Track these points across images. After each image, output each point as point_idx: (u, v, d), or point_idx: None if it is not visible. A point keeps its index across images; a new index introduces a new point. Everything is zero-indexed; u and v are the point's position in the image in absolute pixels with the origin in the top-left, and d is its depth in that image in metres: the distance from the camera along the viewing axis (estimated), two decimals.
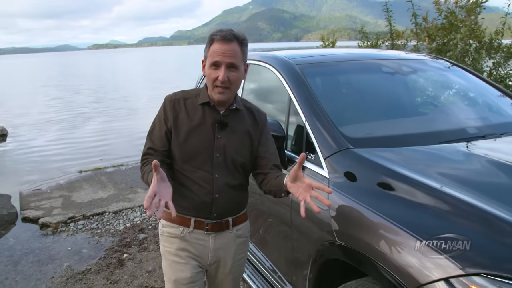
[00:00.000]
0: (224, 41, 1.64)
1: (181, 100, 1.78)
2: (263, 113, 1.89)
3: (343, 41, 9.77)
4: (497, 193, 1.57)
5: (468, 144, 2.02)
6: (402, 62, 2.87)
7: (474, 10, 5.68)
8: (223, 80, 1.64)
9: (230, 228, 1.83)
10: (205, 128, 1.74)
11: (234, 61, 1.65)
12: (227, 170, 1.75)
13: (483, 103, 2.75)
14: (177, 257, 1.80)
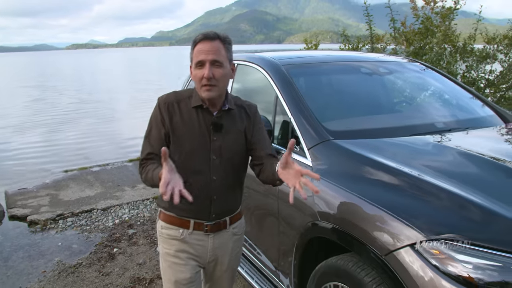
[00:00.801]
0: (207, 40, 1.67)
1: (175, 103, 1.77)
2: (254, 106, 1.90)
3: (326, 44, 10.09)
4: (451, 172, 1.81)
5: (434, 136, 2.25)
6: (379, 64, 3.10)
7: (448, 16, 5.99)
8: (208, 77, 1.64)
9: (228, 227, 1.87)
10: (200, 131, 1.74)
11: (217, 57, 1.66)
12: (224, 171, 1.77)
13: (451, 102, 2.99)
14: (177, 258, 1.83)
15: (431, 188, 1.69)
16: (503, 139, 2.51)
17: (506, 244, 1.46)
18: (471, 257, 1.45)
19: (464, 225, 1.54)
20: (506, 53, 6.37)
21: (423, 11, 6.28)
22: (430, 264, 1.48)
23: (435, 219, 1.58)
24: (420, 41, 5.92)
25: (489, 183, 1.78)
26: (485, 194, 1.65)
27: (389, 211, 1.63)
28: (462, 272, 1.43)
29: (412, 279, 1.50)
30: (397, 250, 1.56)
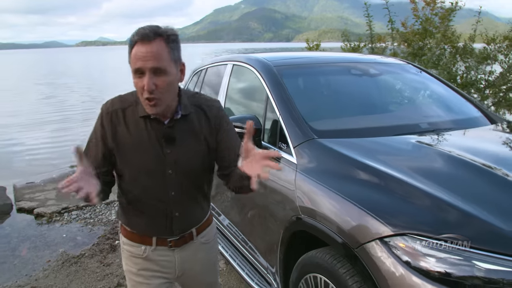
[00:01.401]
0: (144, 41, 1.38)
1: (119, 111, 1.54)
2: (215, 106, 1.65)
3: (334, 42, 9.96)
4: (424, 171, 1.93)
5: (416, 136, 2.35)
6: (369, 65, 3.21)
7: (448, 17, 6.06)
8: (150, 89, 1.39)
9: (195, 238, 1.72)
10: (151, 143, 1.52)
11: (159, 64, 1.39)
12: (184, 185, 1.58)
13: (438, 103, 3.09)
14: (140, 277, 1.69)
15: (403, 186, 1.81)
16: (486, 139, 2.60)
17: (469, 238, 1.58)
18: (435, 251, 1.56)
19: (430, 221, 1.66)
20: (506, 54, 6.42)
21: (423, 11, 6.35)
22: (396, 257, 1.60)
23: (404, 215, 1.70)
24: (419, 41, 5.99)
25: (459, 182, 1.89)
26: (453, 192, 1.76)
27: (362, 206, 1.75)
28: (426, 265, 1.55)
29: (379, 270, 1.63)
30: (366, 243, 1.68)
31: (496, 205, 1.70)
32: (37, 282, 3.34)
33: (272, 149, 2.49)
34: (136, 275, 1.69)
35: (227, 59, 3.62)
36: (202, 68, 4.29)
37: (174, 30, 1.46)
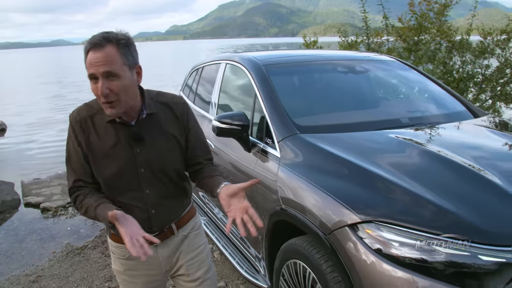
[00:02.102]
0: (95, 48, 1.43)
1: (88, 119, 1.59)
2: (181, 103, 1.72)
3: (331, 37, 9.82)
4: (395, 163, 2.06)
5: (395, 131, 2.47)
6: (355, 62, 3.33)
7: (443, 13, 6.13)
8: (104, 94, 1.43)
9: (175, 233, 1.76)
10: (121, 147, 1.58)
11: (110, 68, 1.43)
12: (158, 182, 1.64)
13: (422, 98, 3.21)
14: (127, 276, 1.77)
15: (374, 178, 1.95)
16: (464, 132, 2.71)
17: (430, 225, 1.71)
18: (398, 236, 1.70)
19: (396, 209, 1.79)
20: (503, 48, 6.48)
21: (419, 7, 6.42)
22: (362, 242, 1.74)
23: (372, 205, 1.83)
24: (414, 36, 6.08)
25: (427, 174, 2.01)
26: (419, 183, 1.90)
27: (334, 196, 1.89)
28: (390, 248, 1.69)
29: (347, 253, 1.77)
30: (336, 230, 1.82)
31: (457, 195, 1.83)
32: (43, 271, 3.52)
33: (258, 144, 2.62)
34: (123, 274, 1.78)
35: (222, 58, 3.76)
36: (200, 66, 4.43)
37: (126, 35, 1.51)
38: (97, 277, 3.41)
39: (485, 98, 6.72)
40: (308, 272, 2.03)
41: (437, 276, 1.62)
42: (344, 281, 1.82)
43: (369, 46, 6.64)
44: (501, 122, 2.99)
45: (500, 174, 1.96)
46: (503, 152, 2.36)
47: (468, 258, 1.61)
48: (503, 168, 2.05)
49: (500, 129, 2.81)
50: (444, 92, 3.27)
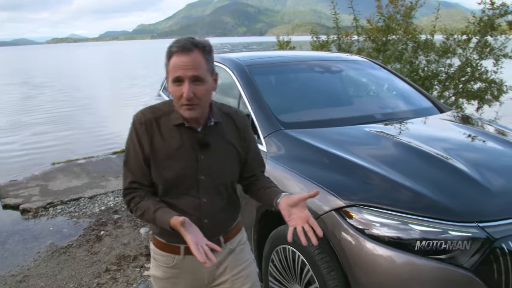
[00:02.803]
0: (184, 52, 1.46)
1: (153, 121, 1.58)
2: (242, 116, 1.75)
3: (306, 36, 10.23)
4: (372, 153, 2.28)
5: (370, 126, 2.70)
6: (331, 62, 3.55)
7: (409, 15, 6.48)
8: (189, 97, 1.46)
9: (223, 246, 1.71)
10: (185, 151, 1.57)
11: (198, 73, 1.46)
12: (215, 191, 1.62)
13: (393, 96, 3.46)
14: (169, 284, 1.73)
15: (355, 167, 2.16)
16: (431, 126, 2.97)
17: (406, 207, 1.93)
18: (378, 218, 1.91)
19: (375, 194, 2.01)
20: (464, 48, 6.89)
21: (387, 9, 6.75)
22: (348, 224, 1.94)
23: (355, 190, 2.04)
24: (382, 37, 6.39)
25: (401, 162, 2.24)
26: (396, 170, 2.11)
27: (320, 184, 2.08)
28: (372, 229, 1.89)
29: (334, 235, 1.97)
30: (324, 214, 2.01)
31: (429, 180, 2.06)
32: (29, 271, 3.56)
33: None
34: (165, 282, 1.73)
35: None
36: None
37: (209, 42, 1.54)
38: (86, 274, 3.48)
39: (449, 95, 7.12)
40: (297, 256, 2.21)
41: (414, 251, 1.83)
42: (332, 260, 2.01)
43: (340, 47, 6.91)
44: (463, 117, 3.27)
45: (465, 161, 2.21)
46: (466, 143, 2.63)
47: (438, 234, 1.83)
48: (467, 156, 2.30)
49: (463, 123, 3.08)
50: (413, 89, 3.53)
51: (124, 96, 16.79)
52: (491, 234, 1.83)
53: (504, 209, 1.95)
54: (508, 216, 1.91)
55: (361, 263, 1.91)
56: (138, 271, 3.50)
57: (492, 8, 6.72)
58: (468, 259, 1.81)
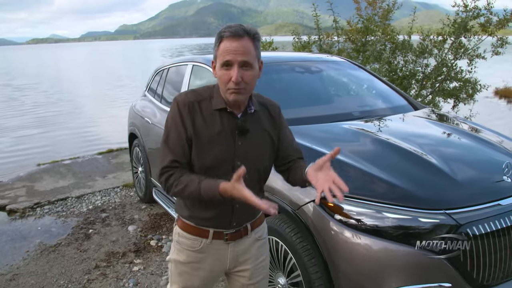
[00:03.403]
0: (235, 37, 1.51)
1: (195, 104, 1.63)
2: (277, 106, 1.82)
3: (289, 36, 10.38)
4: (350, 149, 2.44)
5: (348, 122, 2.86)
6: (312, 63, 3.71)
7: (386, 17, 6.71)
8: (237, 81, 1.51)
9: (249, 233, 1.76)
10: (225, 135, 1.61)
11: (247, 58, 1.52)
12: (249, 177, 1.59)
13: (371, 94, 3.64)
14: (189, 268, 1.76)
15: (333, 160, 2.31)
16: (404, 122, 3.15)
17: (380, 197, 2.09)
18: (355, 207, 2.07)
19: (353, 185, 2.13)
20: (439, 48, 7.15)
21: (366, 11, 6.97)
22: (326, 213, 2.09)
23: None
24: (362, 38, 6.60)
25: (376, 156, 2.41)
26: (371, 163, 2.28)
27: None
28: (349, 218, 2.05)
29: (314, 224, 2.12)
30: (305, 205, 2.17)
31: (402, 172, 2.23)
32: (18, 270, 3.63)
33: None
34: (185, 265, 1.76)
35: (187, 60, 4.03)
36: (164, 67, 4.66)
37: (257, 30, 1.58)
38: (75, 271, 3.57)
39: (426, 93, 7.38)
40: (280, 245, 2.35)
41: (389, 237, 1.99)
42: (312, 248, 2.17)
43: (321, 47, 7.10)
44: (435, 114, 3.46)
45: (435, 155, 2.38)
46: (437, 138, 2.81)
47: (410, 221, 2.00)
48: (437, 150, 2.48)
49: (435, 120, 3.27)
50: (389, 88, 3.72)
51: (108, 98, 16.75)
52: (457, 220, 2.00)
53: (469, 197, 2.13)
54: (472, 204, 2.09)
55: (340, 250, 2.07)
56: (127, 267, 3.60)
57: (466, 10, 7.01)
58: (437, 244, 1.97)
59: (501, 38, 7.16)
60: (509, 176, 2.30)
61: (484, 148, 2.60)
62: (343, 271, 2.09)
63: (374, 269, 2.02)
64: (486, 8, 6.99)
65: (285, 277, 2.39)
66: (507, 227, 2.09)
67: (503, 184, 2.26)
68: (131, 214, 4.76)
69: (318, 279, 2.16)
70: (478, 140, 2.73)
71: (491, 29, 7.08)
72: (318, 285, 2.16)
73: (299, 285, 2.26)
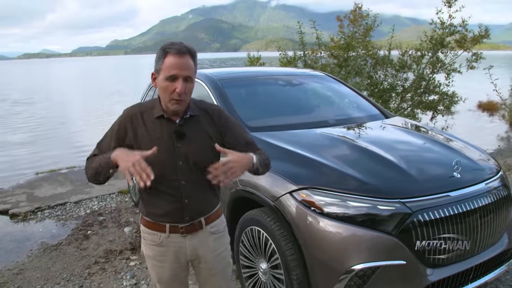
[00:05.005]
0: (179, 54, 1.71)
1: (138, 115, 1.84)
2: (217, 109, 1.99)
3: (272, 52, 10.72)
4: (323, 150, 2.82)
5: (323, 129, 3.24)
6: (293, 77, 4.12)
7: (367, 34, 7.17)
8: (181, 93, 1.72)
9: (204, 227, 1.94)
10: (164, 140, 1.80)
11: (190, 73, 1.74)
12: (193, 175, 1.82)
13: (347, 105, 4.04)
14: (157, 261, 1.96)
15: (307, 159, 2.68)
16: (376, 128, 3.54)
17: (346, 188, 2.45)
18: (325, 197, 2.43)
19: (322, 179, 2.53)
20: (418, 63, 7.62)
21: (348, 28, 7.43)
22: (300, 203, 2.45)
23: (306, 177, 2.56)
24: (344, 54, 7.05)
25: (344, 155, 2.79)
26: (338, 160, 2.65)
27: (278, 173, 2.59)
28: (319, 206, 2.41)
29: (290, 213, 2.48)
30: (281, 196, 2.53)
31: (364, 168, 2.61)
32: (24, 266, 3.93)
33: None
34: (153, 259, 1.98)
35: None
36: None
37: (195, 48, 1.81)
38: (77, 266, 3.88)
39: (406, 106, 7.82)
40: (262, 234, 2.70)
41: (353, 222, 2.35)
42: (289, 234, 2.52)
43: (306, 63, 7.53)
44: (402, 121, 3.87)
45: (395, 154, 2.76)
46: (400, 140, 3.21)
47: (371, 208, 2.37)
48: (398, 150, 2.87)
49: (401, 126, 3.68)
50: (363, 99, 4.13)
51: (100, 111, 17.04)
52: (410, 207, 2.37)
53: (422, 189, 2.50)
54: (424, 194, 2.46)
55: (311, 234, 2.42)
56: (124, 262, 3.92)
57: (442, 27, 7.50)
58: (393, 227, 2.34)
59: (476, 53, 7.64)
60: (459, 172, 2.68)
61: (438, 148, 3.00)
62: (314, 253, 2.43)
63: (340, 250, 2.37)
64: (462, 26, 7.48)
65: (267, 262, 2.73)
66: (455, 214, 2.45)
67: (453, 179, 2.64)
68: (126, 217, 5.08)
69: (293, 261, 2.50)
70: (432, 142, 3.14)
71: (466, 44, 7.56)
72: (293, 266, 2.50)
73: (278, 267, 2.61)
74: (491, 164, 3.05)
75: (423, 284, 2.38)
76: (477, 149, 3.21)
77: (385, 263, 2.32)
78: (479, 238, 2.56)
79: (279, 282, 2.64)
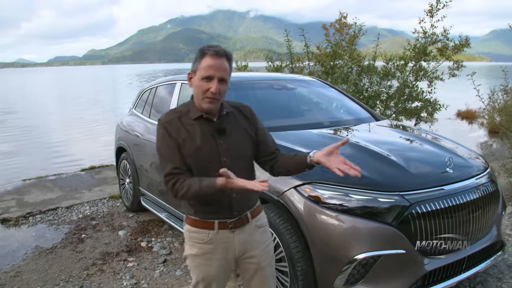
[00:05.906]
0: (217, 56, 1.79)
1: (176, 120, 1.88)
2: (247, 107, 2.09)
3: (259, 62, 10.89)
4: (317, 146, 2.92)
5: (318, 130, 3.38)
6: (286, 81, 4.26)
7: (353, 42, 7.40)
8: (215, 92, 1.79)
9: (250, 221, 1.99)
10: (207, 138, 1.86)
11: (225, 75, 1.81)
12: (238, 169, 1.81)
13: (338, 108, 4.19)
14: (204, 260, 1.96)
15: None
16: (368, 130, 3.69)
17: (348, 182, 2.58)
18: (327, 191, 2.55)
19: (325, 174, 2.64)
20: (401, 71, 7.88)
21: (334, 37, 7.65)
22: (304, 197, 2.57)
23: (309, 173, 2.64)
24: (330, 62, 7.25)
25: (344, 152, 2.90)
26: None
27: None
28: (323, 199, 2.52)
29: (294, 206, 2.58)
30: (286, 191, 2.63)
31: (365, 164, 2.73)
32: (20, 268, 3.91)
33: None
34: (200, 257, 1.97)
35: (176, 79, 4.48)
36: (152, 86, 5.09)
37: (231, 53, 1.89)
38: (74, 268, 3.88)
39: (390, 113, 8.05)
40: None
41: (355, 214, 2.47)
42: (293, 228, 2.62)
43: (292, 70, 7.70)
44: (392, 123, 4.04)
45: (392, 152, 2.91)
46: (393, 140, 3.37)
47: (371, 201, 2.50)
48: (395, 149, 3.02)
49: (392, 127, 3.85)
50: (354, 103, 4.29)
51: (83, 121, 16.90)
52: (408, 200, 2.51)
53: (418, 183, 2.65)
54: (421, 188, 2.61)
55: (316, 226, 2.53)
56: (122, 264, 3.94)
57: (425, 36, 7.77)
58: (392, 218, 2.47)
59: (457, 62, 7.93)
60: (451, 168, 2.84)
61: (431, 147, 3.17)
62: (318, 244, 2.54)
63: (343, 241, 2.48)
64: (443, 35, 7.77)
65: None
66: (449, 207, 2.60)
67: (446, 174, 2.80)
68: (119, 221, 5.09)
69: (298, 253, 2.61)
70: (425, 141, 3.32)
71: (448, 53, 7.85)
72: (298, 258, 2.60)
73: (282, 260, 2.70)
74: (480, 162, 3.23)
75: (421, 272, 2.51)
76: (466, 149, 3.40)
77: (386, 252, 2.45)
78: (471, 230, 2.72)
79: (283, 275, 2.74)
